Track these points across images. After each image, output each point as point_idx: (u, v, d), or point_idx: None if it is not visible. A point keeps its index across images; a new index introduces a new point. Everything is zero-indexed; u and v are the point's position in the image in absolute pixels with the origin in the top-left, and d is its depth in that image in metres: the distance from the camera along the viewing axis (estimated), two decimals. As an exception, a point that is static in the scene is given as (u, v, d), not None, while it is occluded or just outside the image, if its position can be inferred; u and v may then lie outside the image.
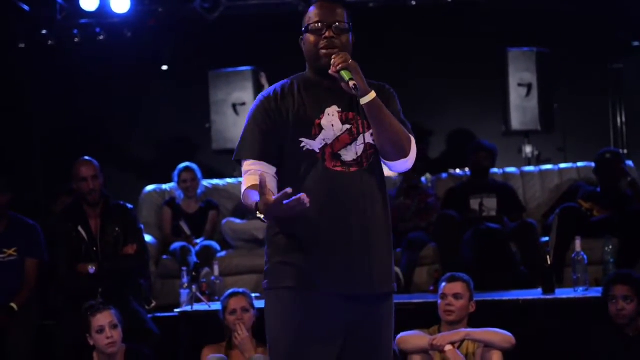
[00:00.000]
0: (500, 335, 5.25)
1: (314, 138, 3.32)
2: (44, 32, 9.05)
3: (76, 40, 9.16)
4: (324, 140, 3.32)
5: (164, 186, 8.41)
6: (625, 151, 9.23)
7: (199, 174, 8.06)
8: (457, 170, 8.76)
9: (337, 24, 3.36)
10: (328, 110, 3.35)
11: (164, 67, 9.75)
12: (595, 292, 6.15)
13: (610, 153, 7.74)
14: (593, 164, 7.81)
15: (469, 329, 5.35)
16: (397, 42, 9.65)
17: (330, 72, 3.28)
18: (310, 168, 3.31)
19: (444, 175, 8.41)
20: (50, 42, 9.08)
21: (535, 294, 6.26)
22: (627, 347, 5.46)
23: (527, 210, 7.93)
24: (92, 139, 9.32)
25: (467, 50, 9.44)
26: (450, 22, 9.50)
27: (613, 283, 5.54)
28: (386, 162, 3.38)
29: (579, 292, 6.16)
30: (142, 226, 6.65)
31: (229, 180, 8.60)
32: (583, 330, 5.66)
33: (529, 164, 8.81)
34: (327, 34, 3.35)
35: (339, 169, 3.31)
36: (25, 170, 9.23)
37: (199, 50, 9.53)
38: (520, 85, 8.79)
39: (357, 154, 3.33)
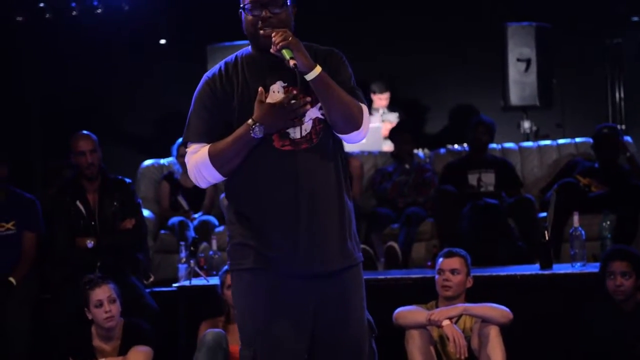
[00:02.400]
0: (498, 310, 5.25)
1: None
2: (41, 4, 9.00)
3: (74, 13, 9.14)
4: None
5: (162, 161, 8.39)
6: (624, 126, 9.22)
7: (198, 149, 8.03)
8: (456, 146, 8.76)
9: (274, 1, 3.28)
10: (273, 87, 3.29)
11: (162, 41, 9.71)
12: (593, 267, 6.14)
13: (608, 128, 7.73)
14: (591, 140, 7.80)
15: (466, 304, 5.34)
16: (396, 19, 9.63)
17: (271, 51, 3.20)
18: (259, 149, 3.26)
19: (442, 150, 8.39)
20: (47, 16, 9.05)
21: (533, 269, 6.26)
22: (624, 323, 5.47)
23: (525, 185, 7.93)
24: (90, 112, 9.31)
25: (466, 25, 9.44)
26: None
27: (611, 259, 5.53)
28: (339, 135, 3.33)
29: (576, 268, 6.16)
30: (140, 201, 6.65)
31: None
32: (581, 305, 5.67)
33: (527, 140, 8.80)
34: (263, 13, 3.27)
35: (287, 147, 3.27)
36: (23, 144, 9.23)
37: (197, 23, 9.50)
38: (519, 60, 8.75)
39: (305, 130, 3.29)
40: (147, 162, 8.39)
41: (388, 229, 7.51)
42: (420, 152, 8.33)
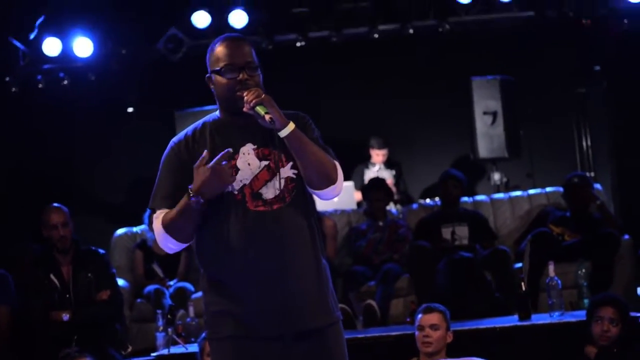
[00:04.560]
0: (479, 365, 5.26)
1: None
2: (7, 79, 8.98)
3: (40, 86, 9.13)
4: (241, 181, 3.27)
5: (135, 229, 8.35)
6: (592, 174, 9.30)
7: (170, 216, 7.99)
8: (427, 200, 8.79)
9: (249, 64, 3.30)
10: (243, 150, 3.29)
11: (130, 109, 9.73)
12: (571, 316, 6.17)
13: (578, 177, 7.80)
14: (561, 189, 7.86)
15: (448, 360, 5.36)
16: (362, 76, 9.71)
17: (244, 109, 3.21)
18: (231, 211, 3.25)
19: (415, 205, 8.44)
20: (13, 89, 9.02)
21: (512, 320, 6.26)
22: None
23: (499, 237, 7.95)
24: (59, 183, 9.26)
25: (433, 80, 9.54)
26: (414, 54, 9.58)
27: (601, 304, 5.58)
28: (315, 191, 3.33)
29: (554, 317, 6.16)
30: (115, 271, 6.60)
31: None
32: (561, 355, 5.68)
33: (498, 191, 8.85)
34: (241, 76, 3.28)
35: (261, 208, 3.26)
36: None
37: (164, 90, 9.52)
38: (485, 113, 8.85)
39: (278, 189, 3.28)
40: (120, 230, 8.36)
41: (365, 286, 7.49)
42: (393, 208, 8.34)
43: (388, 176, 9.34)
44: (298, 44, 9.21)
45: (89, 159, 9.66)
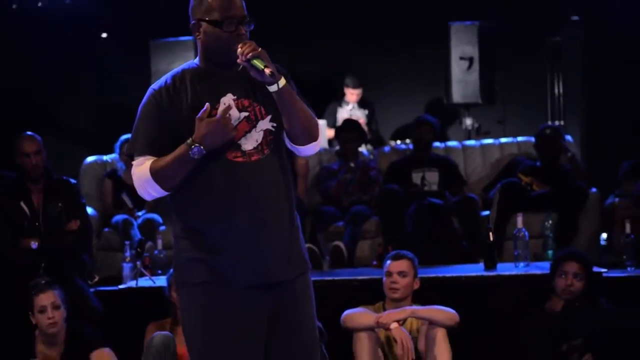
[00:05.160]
0: (445, 313, 5.34)
1: None
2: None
3: (14, 6, 8.98)
4: None
5: (105, 157, 8.28)
6: (562, 122, 9.37)
7: (142, 146, 7.94)
8: (398, 142, 8.82)
9: (245, 18, 3.28)
10: (223, 100, 3.27)
11: (104, 35, 9.60)
12: (536, 267, 6.28)
13: (550, 129, 7.85)
14: (533, 139, 7.90)
15: (414, 307, 5.43)
16: (339, 17, 9.65)
17: (239, 61, 3.19)
18: (210, 161, 3.24)
19: (387, 148, 8.45)
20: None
21: (478, 269, 6.35)
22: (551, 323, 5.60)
23: (468, 184, 8.00)
24: (31, 108, 9.17)
25: (410, 23, 9.48)
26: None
27: (565, 259, 5.66)
28: (296, 146, 3.35)
29: (520, 268, 6.26)
30: (85, 200, 6.59)
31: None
32: (524, 305, 5.78)
33: (469, 137, 8.89)
34: (240, 30, 3.25)
35: (240, 159, 3.26)
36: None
37: (140, 18, 9.40)
38: (462, 58, 8.83)
39: (257, 141, 3.28)
40: (90, 158, 8.28)
41: (333, 227, 7.53)
42: (364, 149, 8.36)
43: (361, 115, 9.33)
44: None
45: (61, 84, 9.54)
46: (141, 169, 3.25)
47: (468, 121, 9.01)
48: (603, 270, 6.14)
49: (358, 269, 6.99)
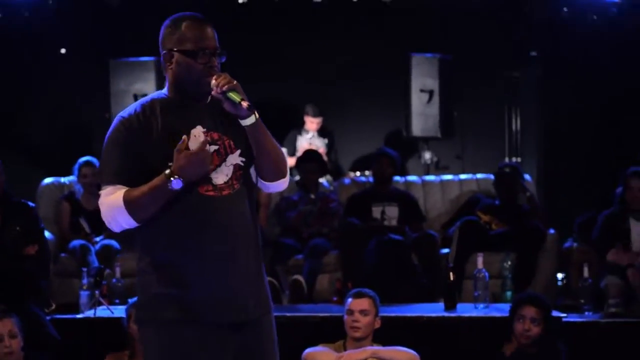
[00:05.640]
0: (406, 354, 5.35)
1: None
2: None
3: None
4: None
5: (63, 179, 8.17)
6: (519, 159, 9.43)
7: (100, 169, 7.84)
8: (358, 174, 8.81)
9: (217, 49, 3.27)
10: (193, 132, 3.24)
11: (63, 50, 9.47)
12: (496, 309, 6.29)
13: (509, 167, 7.92)
14: (492, 176, 7.95)
15: (375, 347, 5.41)
16: (300, 42, 9.64)
17: (213, 93, 3.20)
18: (182, 193, 3.19)
19: (347, 180, 8.45)
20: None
21: (438, 309, 6.35)
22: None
23: (428, 219, 8.02)
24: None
25: (372, 53, 9.49)
26: (356, 24, 9.54)
27: (523, 303, 5.67)
28: (265, 182, 3.35)
29: (480, 310, 6.27)
30: (43, 225, 6.48)
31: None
32: (484, 347, 5.80)
33: (428, 171, 8.91)
34: (212, 62, 3.25)
35: (211, 193, 3.23)
36: None
37: (101, 36, 9.28)
38: (422, 91, 8.85)
39: (227, 175, 3.26)
40: (47, 180, 8.16)
41: (292, 260, 7.51)
42: (325, 181, 8.34)
43: (320, 144, 9.33)
44: (240, 1, 9.11)
45: (18, 101, 9.37)
46: (111, 198, 3.19)
47: (427, 155, 9.03)
48: (562, 315, 6.17)
49: (318, 305, 6.96)
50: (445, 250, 7.45)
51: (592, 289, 6.68)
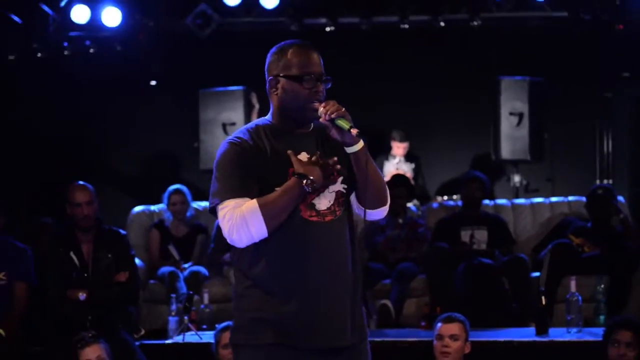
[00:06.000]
0: (497, 379, 5.25)
1: None
2: (34, 45, 8.89)
3: (66, 52, 9.06)
4: None
5: (153, 207, 8.28)
6: (611, 181, 9.25)
7: (189, 197, 7.93)
8: (445, 198, 8.74)
9: (323, 75, 3.29)
10: (299, 157, 3.25)
11: (153, 82, 9.64)
12: (589, 334, 6.16)
13: (602, 189, 7.74)
14: (584, 199, 7.80)
15: (465, 372, 5.34)
16: (388, 66, 9.63)
17: (321, 120, 3.20)
18: (287, 218, 3.21)
19: (435, 205, 8.37)
20: (40, 55, 8.92)
21: (529, 334, 6.25)
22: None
23: (517, 243, 7.90)
24: (79, 156, 9.20)
25: (460, 76, 9.44)
26: (443, 48, 9.50)
27: (618, 327, 5.53)
28: (366, 209, 3.31)
29: (572, 334, 6.15)
30: (134, 252, 6.56)
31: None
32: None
33: (517, 194, 8.80)
34: (318, 87, 3.26)
35: (315, 219, 3.25)
36: (11, 190, 9.05)
37: (190, 67, 9.44)
38: (511, 114, 8.77)
39: (329, 202, 3.28)
40: (137, 208, 8.29)
41: (379, 284, 7.46)
42: (412, 205, 8.28)
43: (407, 169, 9.29)
44: (327, 29, 9.15)
45: (109, 132, 9.58)
46: (243, 207, 3.17)
47: (516, 178, 8.93)
48: (659, 339, 5.99)
49: (406, 330, 6.91)
50: (536, 274, 7.32)
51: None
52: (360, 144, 3.21)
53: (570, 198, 8.28)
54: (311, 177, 3.17)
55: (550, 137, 9.01)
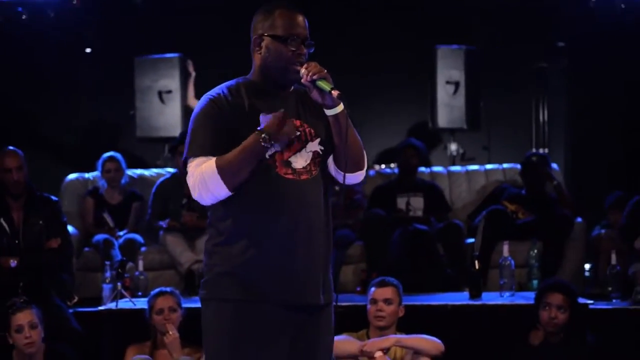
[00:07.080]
0: (430, 342, 5.29)
1: None
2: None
3: (-3, 19, 8.90)
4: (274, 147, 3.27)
5: (87, 175, 8.18)
6: (547, 150, 9.33)
7: (124, 164, 7.84)
8: (383, 166, 8.75)
9: (308, 39, 3.32)
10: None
11: (88, 50, 9.50)
12: (521, 297, 6.23)
13: (536, 156, 7.82)
14: (519, 166, 7.87)
15: (398, 335, 5.37)
16: (323, 34, 9.55)
17: (302, 81, 3.22)
18: (261, 174, 3.24)
19: (372, 172, 8.37)
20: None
21: (463, 298, 6.30)
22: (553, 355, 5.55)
23: (453, 210, 7.95)
24: (12, 123, 9.06)
25: (397, 45, 9.43)
26: (380, 16, 9.48)
27: (549, 290, 5.60)
28: (342, 172, 3.32)
29: (505, 298, 6.21)
30: (66, 219, 6.49)
31: (154, 170, 8.42)
32: (509, 336, 5.73)
33: (454, 162, 8.85)
34: (301, 50, 3.29)
35: (290, 176, 3.27)
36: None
37: (125, 34, 9.29)
38: (448, 82, 8.80)
39: (306, 161, 3.30)
40: (71, 176, 8.18)
41: (316, 251, 7.45)
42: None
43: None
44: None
45: (44, 99, 9.41)
46: (203, 167, 3.19)
47: (453, 146, 8.96)
48: (589, 302, 6.09)
49: (342, 295, 6.84)
50: (471, 240, 7.37)
51: (620, 277, 6.58)
52: (341, 106, 3.23)
53: (505, 165, 8.35)
54: (268, 131, 3.17)
55: (486, 106, 9.04)
